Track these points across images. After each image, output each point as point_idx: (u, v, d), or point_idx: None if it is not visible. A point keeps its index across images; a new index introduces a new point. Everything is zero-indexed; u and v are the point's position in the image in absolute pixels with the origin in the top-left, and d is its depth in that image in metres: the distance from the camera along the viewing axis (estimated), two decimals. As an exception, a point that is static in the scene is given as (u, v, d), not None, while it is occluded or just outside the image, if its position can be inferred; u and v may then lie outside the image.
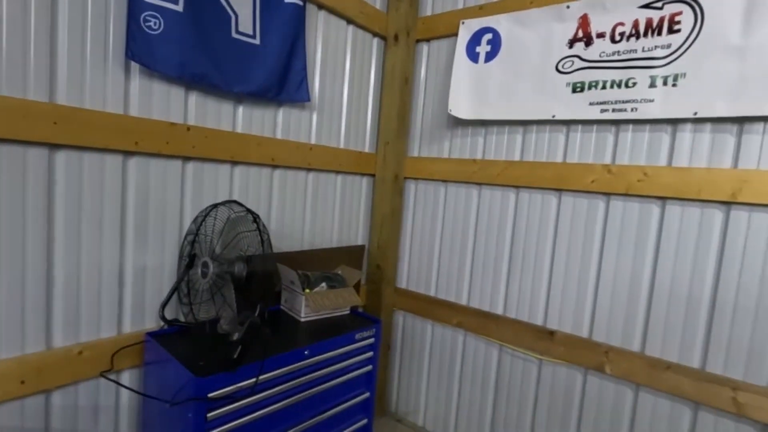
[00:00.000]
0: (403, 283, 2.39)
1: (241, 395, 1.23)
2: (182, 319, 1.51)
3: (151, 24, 1.35)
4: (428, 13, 2.24)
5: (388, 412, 2.45)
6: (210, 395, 1.15)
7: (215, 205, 1.43)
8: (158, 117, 1.44)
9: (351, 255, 2.20)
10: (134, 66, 1.38)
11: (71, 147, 1.26)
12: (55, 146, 1.24)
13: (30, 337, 1.24)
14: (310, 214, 2.04)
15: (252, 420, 1.29)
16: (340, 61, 2.08)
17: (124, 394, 1.46)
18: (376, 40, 2.25)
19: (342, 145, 2.14)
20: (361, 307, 2.25)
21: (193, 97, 1.54)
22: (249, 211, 1.32)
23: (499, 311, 2.03)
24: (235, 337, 1.17)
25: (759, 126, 1.43)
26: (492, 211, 2.05)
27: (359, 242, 2.33)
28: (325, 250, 2.04)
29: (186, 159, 1.54)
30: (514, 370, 1.99)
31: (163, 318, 1.45)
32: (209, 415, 1.16)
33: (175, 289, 1.46)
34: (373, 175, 2.34)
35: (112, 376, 1.38)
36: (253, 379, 1.23)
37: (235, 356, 1.16)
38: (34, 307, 1.24)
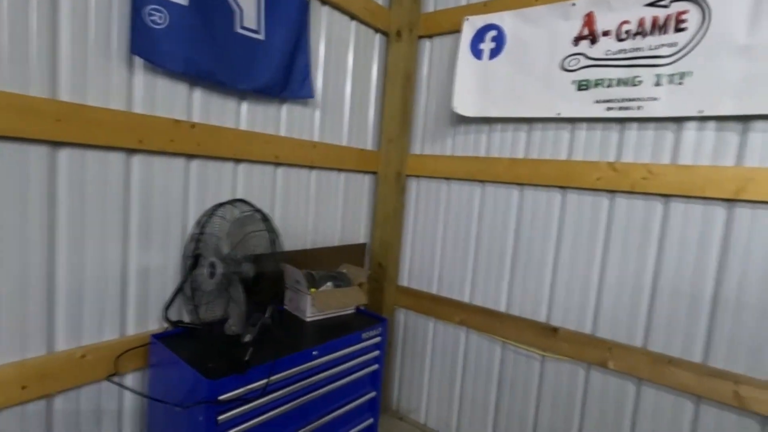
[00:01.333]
0: (405, 281, 2.39)
1: (251, 397, 1.21)
2: (186, 320, 1.49)
3: (156, 18, 1.31)
4: (431, 9, 2.23)
5: (390, 410, 2.45)
6: (220, 398, 1.13)
7: (221, 204, 1.41)
8: (162, 114, 1.41)
9: (353, 253, 2.18)
10: (138, 61, 1.34)
11: (74, 145, 1.23)
12: (57, 144, 1.20)
13: (31, 341, 1.21)
14: (314, 212, 2.02)
15: (261, 422, 1.27)
16: (342, 57, 2.06)
17: (128, 397, 1.43)
18: (378, 37, 2.23)
19: (345, 143, 2.12)
20: (364, 305, 2.24)
21: (198, 94, 1.50)
22: (258, 210, 1.30)
23: (502, 309, 2.04)
24: (247, 338, 1.16)
25: (763, 124, 1.45)
26: (495, 209, 2.05)
27: (361, 240, 2.32)
28: (328, 248, 2.03)
29: (190, 157, 1.51)
30: (517, 367, 2.00)
31: (166, 319, 1.43)
32: (220, 417, 1.14)
33: (180, 289, 1.43)
34: (376, 173, 2.33)
35: (117, 380, 1.35)
36: (264, 381, 1.21)
37: (247, 358, 1.14)
38: (36, 310, 1.21)
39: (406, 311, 2.38)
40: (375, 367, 1.69)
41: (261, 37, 1.63)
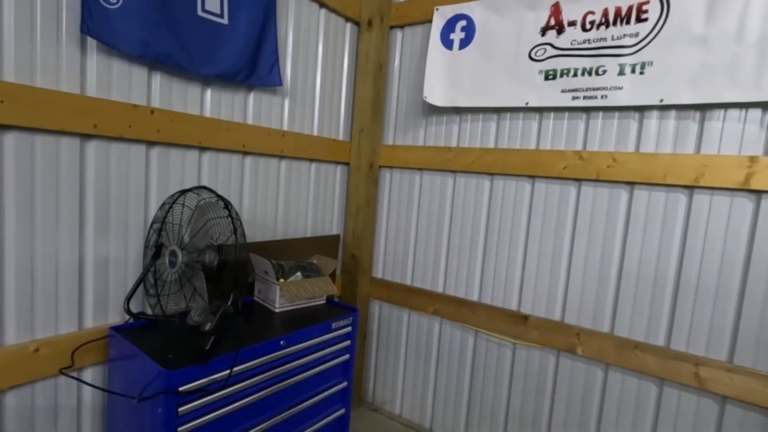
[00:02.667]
0: (379, 273, 2.38)
1: (214, 388, 1.18)
2: (149, 311, 1.44)
3: (109, -3, 1.26)
4: (402, -2, 2.22)
5: (365, 402, 2.44)
6: (181, 389, 1.10)
7: (183, 192, 1.36)
8: (119, 99, 1.35)
9: (326, 244, 2.16)
10: (91, 42, 1.28)
11: (21, 129, 1.17)
12: (2, 127, 1.14)
13: (-22, 335, 1.15)
14: (283, 202, 1.99)
15: (225, 413, 1.24)
16: (312, 46, 2.03)
17: (87, 392, 1.37)
18: (349, 26, 2.20)
19: (315, 133, 2.10)
20: (337, 298, 2.23)
21: (158, 78, 1.45)
22: (219, 197, 1.27)
23: (475, 298, 2.06)
24: (207, 327, 1.12)
25: (720, 113, 1.49)
26: (467, 199, 2.06)
27: (334, 231, 2.30)
28: (299, 239, 2.00)
29: (150, 144, 1.46)
30: (489, 355, 2.02)
31: (128, 311, 1.37)
32: (180, 409, 1.11)
33: (141, 280, 1.39)
34: (348, 164, 2.31)
35: (74, 374, 1.30)
36: (227, 371, 1.18)
37: (207, 347, 1.11)
38: (-17, 302, 1.15)
39: (380, 303, 2.37)
40: (346, 357, 1.68)
41: (224, 21, 1.58)
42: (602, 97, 1.65)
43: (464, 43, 1.98)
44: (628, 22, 1.60)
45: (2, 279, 1.18)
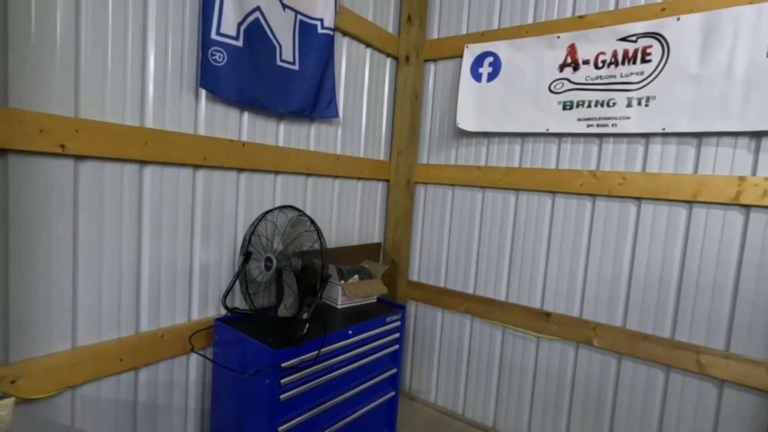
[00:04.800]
0: (414, 276, 2.68)
1: (305, 366, 1.49)
2: (241, 307, 1.77)
3: (217, 57, 1.60)
4: (435, 36, 2.54)
5: (403, 391, 2.74)
6: (283, 365, 1.42)
7: (270, 210, 1.69)
8: (220, 135, 1.69)
9: (370, 251, 2.47)
10: (201, 92, 1.62)
11: (156, 163, 1.51)
12: (144, 162, 1.48)
13: (124, 323, 1.48)
14: (336, 215, 2.31)
15: (310, 387, 1.55)
16: (359, 80, 2.36)
17: (193, 372, 1.70)
18: (389, 61, 2.53)
19: (362, 155, 2.42)
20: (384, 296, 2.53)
21: (246, 117, 1.79)
22: (304, 214, 1.59)
23: (502, 298, 2.34)
24: (305, 315, 1.44)
25: (714, 139, 1.77)
26: (495, 211, 2.36)
27: (376, 240, 2.61)
28: (349, 247, 2.32)
29: (240, 170, 1.79)
30: (515, 348, 2.31)
31: (225, 306, 1.70)
32: (282, 381, 1.43)
33: (235, 280, 1.71)
34: (388, 180, 2.63)
35: (193, 355, 1.64)
36: (315, 352, 1.50)
37: (304, 332, 1.43)
38: (128, 298, 1.48)
39: (416, 303, 2.68)
40: (396, 347, 1.98)
41: (296, 67, 1.92)
42: (613, 125, 1.94)
43: (491, 77, 2.29)
44: (634, 62, 1.89)
45: (139, 280, 1.52)
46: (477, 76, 2.33)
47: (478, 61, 2.33)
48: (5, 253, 1.20)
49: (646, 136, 1.91)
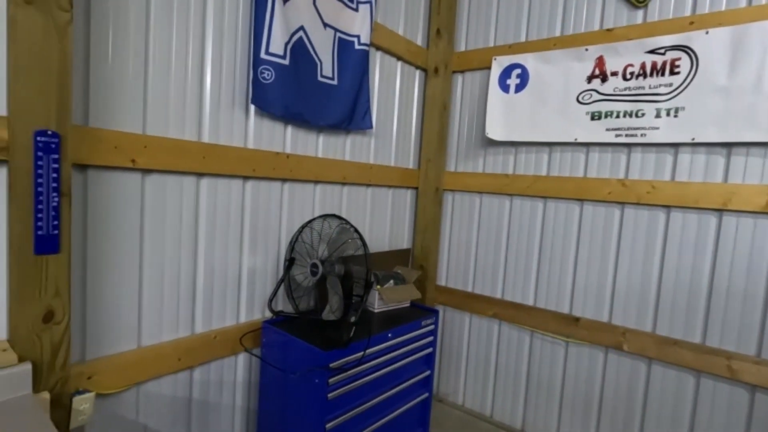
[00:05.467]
0: (442, 281, 2.75)
1: (350, 366, 1.58)
2: (285, 310, 1.86)
3: (266, 75, 1.70)
4: (462, 49, 2.62)
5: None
6: (331, 365, 1.50)
7: (313, 219, 1.79)
8: (267, 148, 1.80)
9: (400, 257, 2.55)
10: (251, 108, 1.73)
11: (211, 175, 1.62)
12: (201, 175, 1.59)
13: (181, 325, 1.59)
14: (369, 222, 2.40)
15: (354, 388, 1.64)
16: (391, 91, 2.45)
17: (241, 371, 1.80)
18: (418, 73, 2.62)
19: (393, 164, 2.51)
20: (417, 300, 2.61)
21: (290, 130, 1.89)
22: (348, 222, 1.68)
23: (530, 303, 2.40)
24: (353, 319, 1.53)
25: (743, 149, 1.81)
26: (522, 218, 2.42)
27: (405, 246, 2.69)
28: (380, 253, 2.40)
29: (284, 180, 1.89)
30: (544, 352, 2.36)
31: (271, 309, 1.80)
32: (330, 380, 1.51)
33: (280, 285, 1.81)
34: (417, 188, 2.71)
35: (243, 355, 1.74)
36: (360, 354, 1.58)
37: (351, 335, 1.51)
38: (185, 302, 1.59)
39: (444, 307, 2.74)
40: (430, 350, 2.05)
41: (335, 82, 2.02)
42: (641, 135, 1.99)
43: (519, 88, 2.36)
44: (662, 74, 1.95)
45: (195, 285, 1.62)
46: (505, 87, 2.41)
47: (506, 73, 2.40)
48: (83, 260, 1.32)
49: (675, 145, 1.95)
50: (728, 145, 1.84)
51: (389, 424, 1.85)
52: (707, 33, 1.83)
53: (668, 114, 1.93)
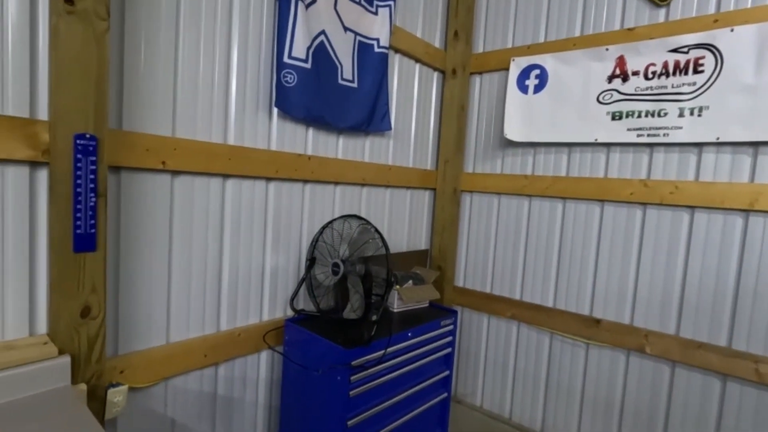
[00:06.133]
0: (460, 282, 2.76)
1: (371, 364, 1.60)
2: (305, 308, 1.89)
3: (288, 79, 1.74)
4: (480, 50, 2.63)
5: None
6: (353, 363, 1.53)
7: (334, 219, 1.82)
8: (289, 150, 1.84)
9: (418, 257, 2.57)
10: (274, 111, 1.77)
11: (236, 176, 1.66)
12: (227, 176, 1.63)
13: (207, 322, 1.63)
14: (387, 223, 2.42)
15: (374, 386, 1.66)
16: (409, 93, 2.47)
17: (263, 368, 1.84)
18: (436, 74, 2.64)
19: (411, 165, 2.53)
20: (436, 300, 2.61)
21: (311, 132, 1.93)
22: (369, 223, 1.70)
23: (550, 304, 2.39)
24: (374, 318, 1.55)
25: (770, 148, 1.78)
26: (542, 219, 2.41)
27: (423, 247, 2.71)
28: (399, 253, 2.42)
29: (305, 182, 1.93)
30: (564, 354, 2.34)
31: (293, 308, 1.83)
32: (352, 378, 1.53)
33: (302, 284, 1.84)
34: (435, 189, 2.72)
35: (265, 353, 1.78)
36: (380, 352, 1.60)
37: (372, 333, 1.54)
38: (211, 299, 1.63)
39: (462, 308, 2.74)
40: (448, 350, 2.06)
41: (355, 85, 2.05)
42: (664, 135, 1.97)
43: (538, 89, 2.36)
44: (686, 73, 1.92)
45: (221, 283, 1.67)
46: (523, 88, 2.40)
47: (525, 74, 2.40)
48: (116, 259, 1.37)
49: (699, 145, 1.92)
50: (755, 144, 1.80)
51: (408, 423, 1.86)
52: (732, 30, 1.80)
53: (692, 113, 1.90)
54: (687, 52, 1.91)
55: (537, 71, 2.36)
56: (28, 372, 1.07)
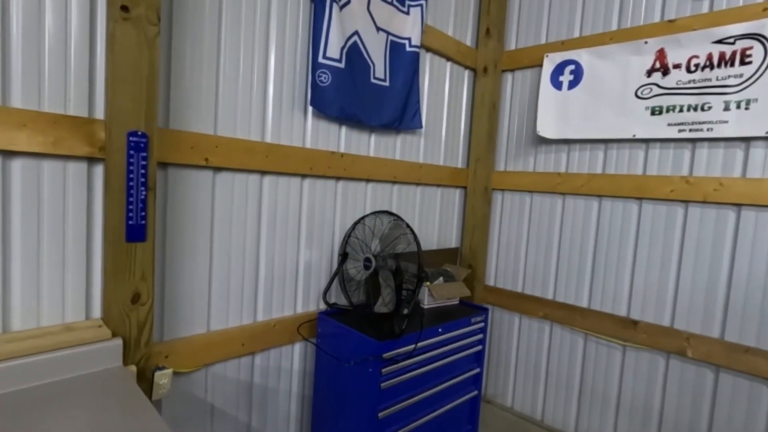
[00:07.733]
0: (491, 281, 2.73)
1: (401, 358, 1.62)
2: (338, 302, 1.94)
3: (323, 78, 1.79)
4: (513, 47, 2.61)
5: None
6: (384, 356, 1.55)
7: (366, 215, 1.85)
8: (323, 148, 1.89)
9: (448, 255, 2.57)
10: (309, 110, 1.83)
11: (273, 173, 1.72)
12: (264, 173, 1.70)
13: (245, 313, 1.70)
14: (418, 220, 2.44)
15: (405, 379, 1.68)
16: (440, 91, 2.48)
17: (297, 359, 1.89)
18: (467, 72, 2.64)
19: (442, 163, 2.53)
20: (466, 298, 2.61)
21: (344, 131, 1.97)
22: (401, 219, 1.73)
23: (584, 304, 2.33)
24: (405, 312, 1.57)
25: (826, 142, 1.68)
26: (576, 217, 2.36)
27: (453, 245, 2.70)
28: (429, 251, 2.43)
29: (338, 179, 1.98)
30: (599, 356, 2.28)
31: (325, 301, 1.88)
32: (383, 370, 1.56)
33: (334, 278, 1.89)
34: (466, 187, 2.71)
35: (299, 344, 1.84)
36: (411, 346, 1.62)
37: (404, 327, 1.56)
38: (248, 290, 1.70)
39: (492, 307, 2.72)
40: (479, 348, 2.05)
41: (387, 84, 2.08)
42: (708, 129, 1.89)
43: (573, 84, 2.31)
44: (732, 65, 1.84)
45: (258, 275, 1.73)
46: (557, 85, 2.37)
47: (559, 70, 2.36)
48: (163, 249, 1.45)
49: (747, 140, 1.84)
50: (809, 139, 1.71)
51: (439, 418, 1.87)
52: (783, 19, 1.72)
53: (738, 106, 1.82)
54: (733, 43, 1.83)
55: (572, 67, 2.32)
56: (86, 352, 1.16)
